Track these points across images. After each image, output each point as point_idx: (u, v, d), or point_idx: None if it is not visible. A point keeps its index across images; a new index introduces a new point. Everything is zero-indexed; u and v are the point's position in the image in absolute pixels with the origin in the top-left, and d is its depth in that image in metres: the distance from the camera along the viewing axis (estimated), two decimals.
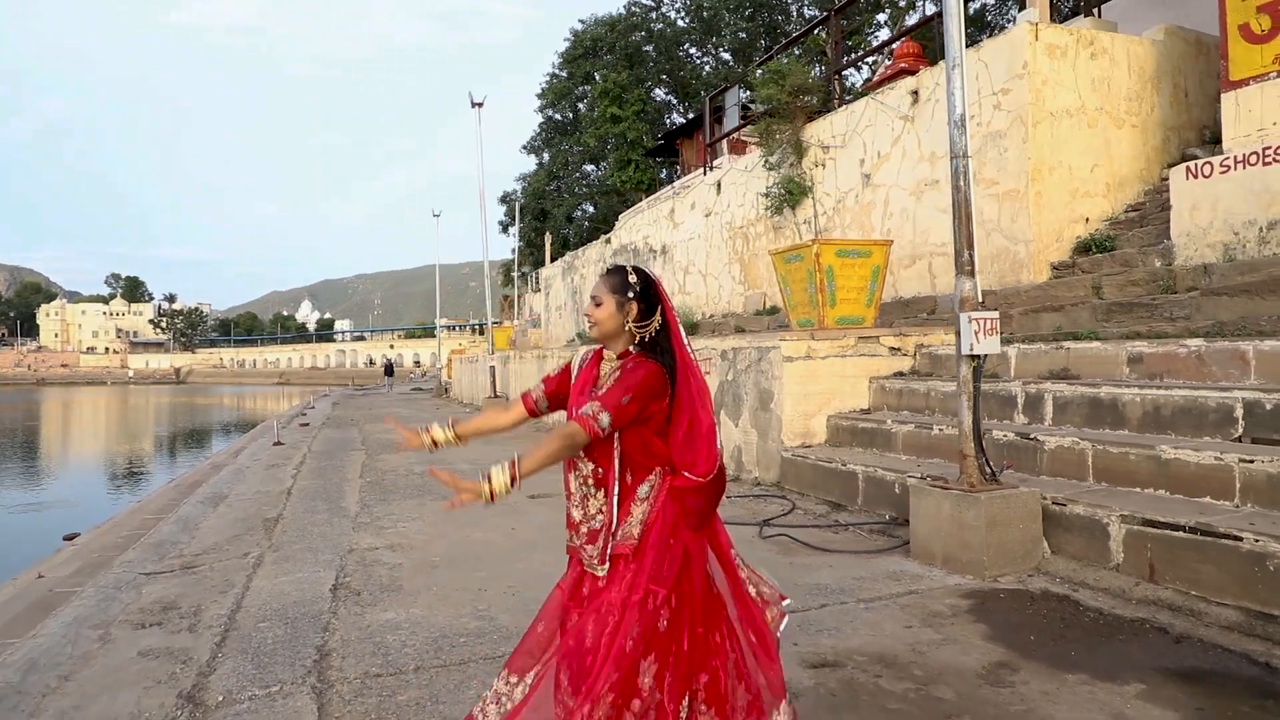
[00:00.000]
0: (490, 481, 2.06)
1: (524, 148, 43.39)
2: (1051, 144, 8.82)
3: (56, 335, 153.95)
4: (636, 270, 2.33)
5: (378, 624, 4.10)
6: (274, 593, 4.74)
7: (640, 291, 2.29)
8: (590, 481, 2.25)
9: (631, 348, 2.30)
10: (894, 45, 14.82)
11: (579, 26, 37.38)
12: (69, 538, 10.51)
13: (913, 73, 12.04)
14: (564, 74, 38.72)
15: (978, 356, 4.88)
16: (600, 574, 2.22)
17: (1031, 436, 5.54)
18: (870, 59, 21.97)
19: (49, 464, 25.44)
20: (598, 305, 2.29)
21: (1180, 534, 4.09)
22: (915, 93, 10.52)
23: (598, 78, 35.85)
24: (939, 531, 4.85)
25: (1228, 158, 7.23)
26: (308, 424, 18.68)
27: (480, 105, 21.39)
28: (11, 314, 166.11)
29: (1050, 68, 8.87)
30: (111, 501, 16.09)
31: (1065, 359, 6.44)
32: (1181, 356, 5.63)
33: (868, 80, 20.91)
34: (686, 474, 2.24)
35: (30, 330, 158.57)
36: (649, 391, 2.19)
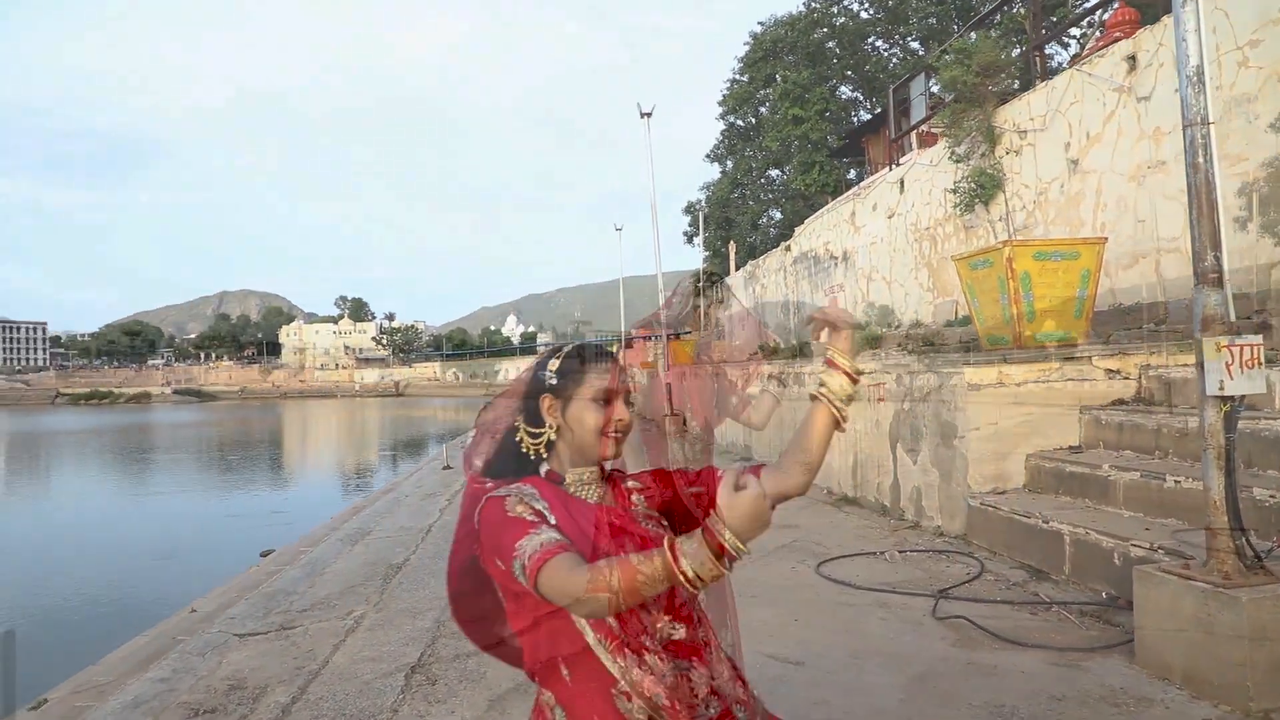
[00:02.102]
0: None
1: (707, 156, 42.96)
2: None
3: (296, 353, 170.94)
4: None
5: None
6: (347, 673, 4.22)
7: None
8: None
9: None
10: (1105, 14, 12.83)
11: (758, 29, 36.37)
12: (265, 553, 10.94)
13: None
14: (744, 78, 37.78)
15: (1231, 398, 3.56)
16: None
17: None
18: (1078, 33, 19.54)
19: (279, 474, 27.94)
20: None
21: None
22: (1132, 58, 8.79)
23: (779, 79, 34.65)
24: (1178, 636, 3.57)
25: None
26: None
27: (649, 115, 20.86)
28: (260, 335, 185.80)
29: None
30: (324, 507, 17.28)
31: None
32: None
33: (1075, 57, 18.59)
34: None
35: (274, 350, 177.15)
36: None
